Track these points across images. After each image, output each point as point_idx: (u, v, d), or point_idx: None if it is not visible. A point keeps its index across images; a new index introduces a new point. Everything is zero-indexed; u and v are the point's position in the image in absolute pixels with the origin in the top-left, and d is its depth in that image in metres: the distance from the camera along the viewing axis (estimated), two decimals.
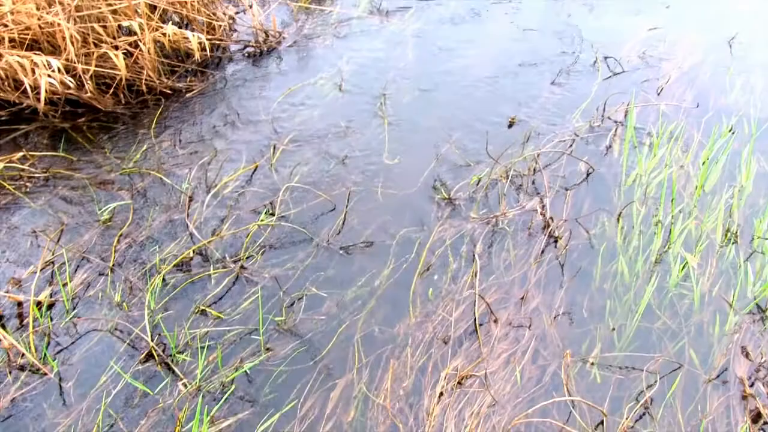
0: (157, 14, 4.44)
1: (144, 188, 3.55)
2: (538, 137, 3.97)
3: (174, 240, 3.26)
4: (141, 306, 2.92)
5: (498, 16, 5.16)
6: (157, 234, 3.29)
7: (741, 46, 4.80)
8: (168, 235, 3.29)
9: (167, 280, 3.04)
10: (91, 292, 2.98)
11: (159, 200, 3.48)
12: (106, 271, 3.08)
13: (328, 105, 4.22)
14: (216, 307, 2.93)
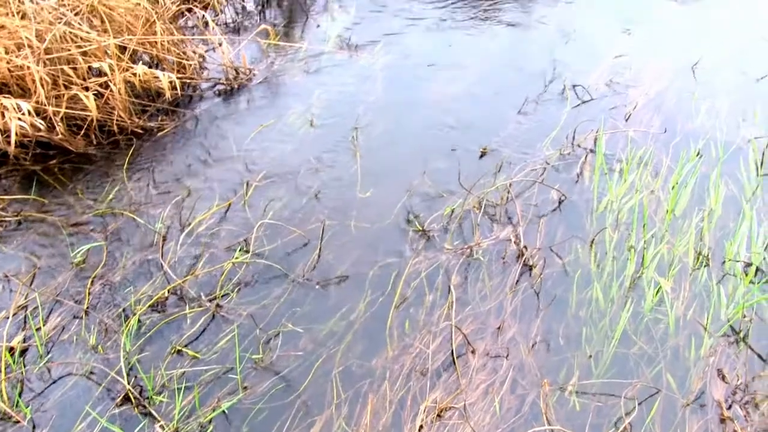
0: (128, 55, 4.45)
1: (117, 229, 3.53)
2: (510, 166, 4.00)
3: (149, 280, 3.24)
4: (116, 348, 2.89)
5: (467, 47, 5.22)
6: (131, 275, 3.26)
7: (704, 72, 4.89)
8: (142, 275, 3.27)
9: (142, 321, 3.01)
10: (66, 336, 2.95)
11: (133, 240, 3.46)
12: (80, 313, 3.05)
13: (300, 140, 4.23)
14: (192, 347, 2.91)
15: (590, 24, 5.55)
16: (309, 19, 5.60)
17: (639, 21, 5.56)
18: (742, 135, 4.27)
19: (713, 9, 5.75)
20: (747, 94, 4.65)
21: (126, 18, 4.59)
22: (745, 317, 3.06)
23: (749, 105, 4.53)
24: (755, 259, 3.32)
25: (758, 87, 4.71)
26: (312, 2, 5.89)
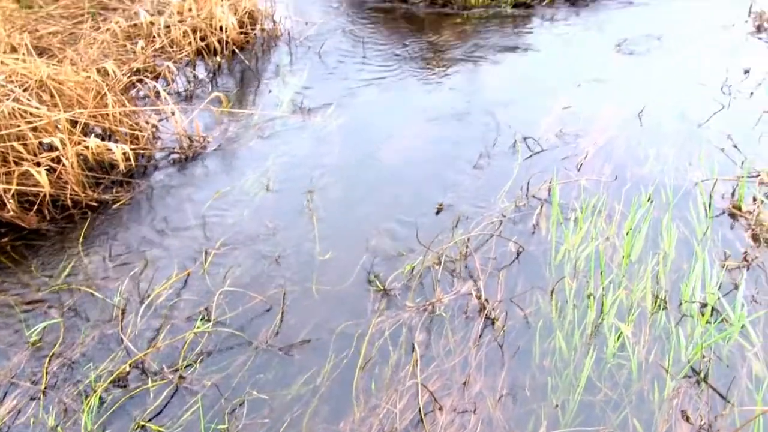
0: (79, 128, 4.44)
1: (74, 305, 3.48)
2: (467, 221, 4.04)
3: (109, 355, 3.18)
4: (77, 428, 2.82)
5: (419, 106, 5.31)
6: (90, 351, 3.21)
7: (650, 119, 5.02)
8: (102, 350, 3.21)
9: (104, 398, 2.95)
10: (22, 419, 2.88)
11: (91, 316, 3.41)
12: (37, 394, 2.98)
13: (257, 206, 4.24)
14: (156, 421, 2.85)
15: (538, 77, 5.69)
16: (261, 85, 5.66)
17: (585, 72, 5.72)
18: (689, 179, 4.37)
19: (655, 59, 5.93)
20: (691, 139, 4.79)
21: (76, 91, 4.59)
22: (704, 357, 3.10)
23: (694, 149, 4.65)
24: (710, 299, 3.37)
25: (701, 132, 4.85)
26: (263, 67, 5.96)
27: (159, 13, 6.26)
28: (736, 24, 6.37)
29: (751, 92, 5.30)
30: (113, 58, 5.52)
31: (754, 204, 4.10)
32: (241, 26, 6.28)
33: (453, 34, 6.50)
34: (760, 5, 6.54)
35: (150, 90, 5.24)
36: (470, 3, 7.04)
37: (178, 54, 5.86)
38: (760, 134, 4.78)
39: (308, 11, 6.95)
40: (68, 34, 6.02)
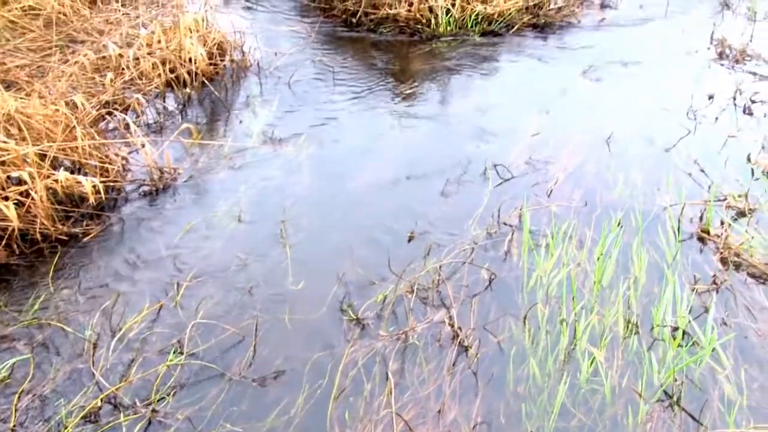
0: (48, 161, 4.40)
1: (45, 340, 3.43)
2: (439, 249, 4.05)
3: (80, 390, 3.14)
4: None
5: (390, 135, 5.33)
6: (61, 386, 3.16)
7: (618, 144, 5.09)
8: (73, 385, 3.17)
9: None
10: None
11: (62, 350, 3.36)
12: None
13: (228, 237, 4.22)
14: None
15: (507, 105, 5.74)
16: (231, 116, 5.65)
17: (554, 99, 5.79)
18: (658, 203, 4.43)
19: (622, 85, 6.03)
20: (659, 163, 4.85)
21: (45, 125, 4.56)
22: (677, 381, 3.12)
23: (662, 174, 4.72)
24: (681, 323, 3.41)
25: (668, 157, 4.92)
26: (233, 98, 5.96)
27: (128, 46, 6.24)
28: (699, 51, 6.50)
29: (715, 117, 5.39)
30: (82, 90, 5.49)
31: (722, 227, 4.16)
32: (210, 57, 6.28)
33: (422, 62, 6.55)
34: (721, 32, 6.67)
35: (120, 122, 5.21)
36: (439, 32, 7.10)
37: (148, 86, 5.85)
38: (726, 158, 4.86)
39: (277, 42, 6.97)
40: (36, 67, 5.99)
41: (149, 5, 7.57)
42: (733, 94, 5.68)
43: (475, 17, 7.13)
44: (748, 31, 6.75)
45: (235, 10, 7.81)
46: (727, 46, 6.39)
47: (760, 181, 4.58)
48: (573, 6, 7.50)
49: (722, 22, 7.00)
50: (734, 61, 6.23)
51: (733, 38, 6.56)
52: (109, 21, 7.06)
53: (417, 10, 7.18)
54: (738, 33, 6.69)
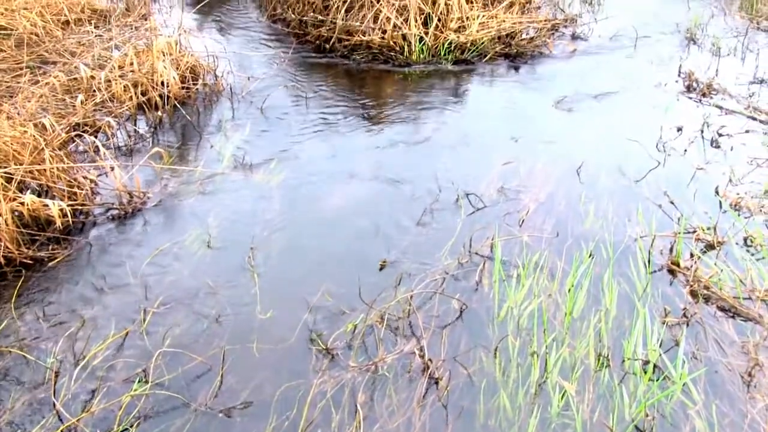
0: (14, 184, 4.32)
1: (4, 368, 3.35)
2: (410, 278, 4.03)
3: (40, 421, 3.07)
4: None
5: (361, 161, 5.32)
6: (19, 417, 3.08)
7: (589, 175, 5.12)
8: (33, 416, 3.10)
9: None
10: None
11: (22, 379, 3.28)
12: None
13: (197, 263, 4.17)
14: None
15: (479, 133, 5.76)
16: (202, 140, 5.61)
17: (525, 128, 5.82)
18: (628, 234, 4.45)
19: (592, 115, 6.08)
20: (629, 195, 4.89)
21: (12, 147, 4.49)
22: (648, 416, 3.11)
23: (632, 205, 4.74)
24: (652, 356, 3.41)
25: (638, 188, 4.96)
26: (205, 122, 5.92)
27: (100, 68, 6.19)
28: (668, 83, 6.59)
29: (684, 149, 5.45)
30: (52, 112, 5.43)
31: (692, 260, 4.18)
32: (183, 81, 6.25)
33: (395, 90, 6.57)
34: (688, 66, 6.77)
35: (89, 145, 5.15)
36: (412, 59, 7.14)
37: (119, 108, 5.79)
38: (695, 191, 4.90)
39: (251, 66, 6.96)
40: (5, 88, 5.91)
41: (123, 27, 7.53)
42: (700, 127, 5.76)
43: (448, 46, 7.18)
44: (714, 66, 6.86)
45: (210, 34, 7.80)
46: (694, 80, 6.49)
47: (728, 213, 4.62)
48: (545, 36, 7.58)
49: (689, 56, 7.11)
50: (701, 95, 6.32)
51: (700, 72, 6.67)
52: (81, 42, 7.02)
53: (390, 37, 7.21)
54: (704, 67, 6.80)
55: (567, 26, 7.93)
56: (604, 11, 8.32)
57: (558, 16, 8.10)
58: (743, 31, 7.52)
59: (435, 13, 7.35)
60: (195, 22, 8.17)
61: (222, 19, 8.27)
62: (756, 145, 5.50)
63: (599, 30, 7.78)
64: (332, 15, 7.51)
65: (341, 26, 7.37)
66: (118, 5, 8.27)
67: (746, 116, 5.93)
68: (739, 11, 8.07)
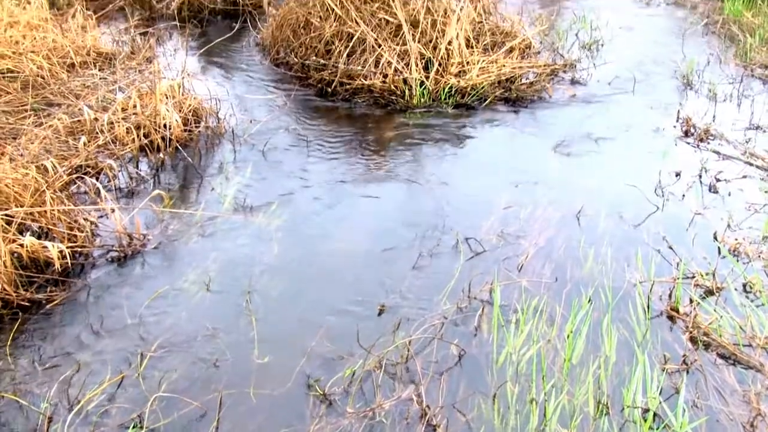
0: (14, 226, 4.34)
1: None
2: (409, 323, 4.02)
3: None
4: None
5: (362, 204, 5.34)
6: None
7: (588, 219, 5.13)
8: None
9: None
10: None
11: (14, 425, 3.27)
12: None
13: (196, 306, 4.16)
14: None
15: (479, 177, 5.79)
16: (204, 182, 5.64)
17: (525, 172, 5.84)
18: (627, 279, 4.45)
19: (592, 160, 6.11)
20: (628, 239, 4.89)
21: (14, 188, 4.52)
22: None
23: (631, 250, 4.75)
24: (652, 404, 3.39)
25: (637, 233, 4.96)
26: (206, 165, 5.96)
27: (104, 110, 6.26)
28: (666, 128, 6.63)
29: (682, 194, 5.47)
30: (55, 154, 5.47)
31: (691, 306, 4.18)
32: (185, 123, 6.30)
33: (396, 133, 6.62)
34: (685, 111, 6.83)
35: (90, 187, 5.18)
36: (413, 103, 7.20)
37: (122, 150, 5.83)
38: (693, 236, 4.91)
39: (253, 109, 7.02)
40: (9, 130, 5.96)
41: (127, 70, 7.62)
42: (698, 172, 5.78)
43: (448, 90, 7.24)
44: (711, 111, 6.91)
45: (213, 77, 7.88)
46: (691, 125, 6.53)
47: (727, 259, 4.62)
48: (544, 81, 7.65)
49: (686, 102, 7.17)
50: (699, 140, 6.36)
51: (697, 117, 6.71)
52: (86, 85, 7.10)
53: (391, 81, 7.28)
54: (701, 112, 6.85)
55: (566, 71, 8.00)
56: (603, 57, 8.41)
57: (557, 61, 8.18)
58: (738, 77, 7.59)
59: (436, 57, 7.44)
60: (199, 64, 8.26)
61: (226, 62, 8.36)
62: (753, 190, 5.52)
63: (598, 75, 7.85)
64: (334, 59, 7.60)
65: (343, 70, 7.44)
66: (123, 48, 8.37)
67: (743, 162, 5.96)
68: (734, 58, 8.15)
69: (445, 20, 7.62)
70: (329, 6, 7.74)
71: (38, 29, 7.83)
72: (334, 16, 7.74)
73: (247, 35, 9.16)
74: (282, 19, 8.48)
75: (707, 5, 9.98)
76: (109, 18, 9.56)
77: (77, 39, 7.99)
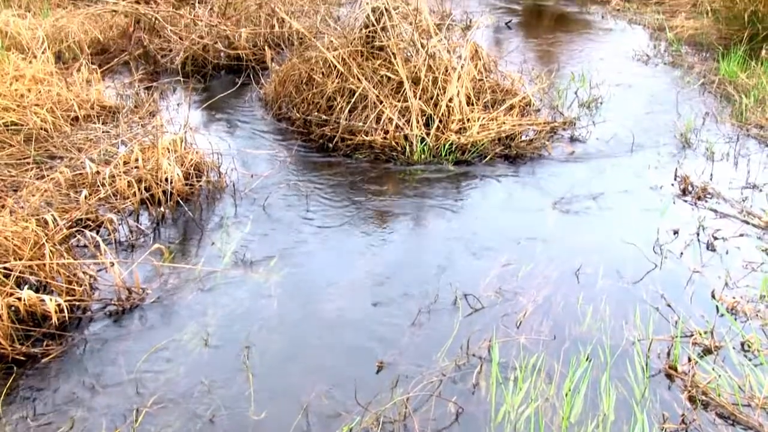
0: (12, 279, 4.35)
1: None
2: (407, 379, 4.01)
3: None
4: None
5: (361, 260, 5.36)
6: None
7: (586, 277, 5.14)
8: None
9: None
10: None
11: None
12: None
13: (193, 361, 4.15)
14: None
15: (478, 234, 5.81)
16: (204, 236, 5.66)
17: (524, 229, 5.87)
18: (626, 337, 4.44)
19: (590, 217, 6.14)
20: (626, 297, 4.90)
21: (13, 241, 4.54)
22: None
23: (630, 308, 4.75)
24: None
25: (635, 290, 4.97)
26: (207, 219, 5.99)
27: (106, 163, 6.31)
28: (664, 186, 6.67)
29: (680, 252, 5.48)
30: (55, 207, 5.51)
31: (689, 364, 4.16)
32: (186, 178, 6.34)
33: (396, 189, 6.66)
34: (683, 170, 6.88)
35: (90, 240, 5.20)
36: (413, 159, 7.26)
37: (122, 204, 5.87)
38: (691, 293, 4.92)
39: (254, 164, 7.08)
40: (11, 182, 6.01)
41: (130, 124, 7.71)
42: (696, 230, 5.81)
43: (449, 146, 7.31)
44: (708, 170, 6.96)
45: (215, 131, 7.96)
46: (689, 183, 6.58)
47: (725, 318, 4.62)
48: (543, 138, 7.72)
49: (684, 160, 7.23)
50: (696, 198, 6.40)
51: (695, 176, 6.76)
52: (89, 138, 7.17)
53: (392, 137, 7.36)
54: (699, 171, 6.90)
55: (565, 129, 8.08)
56: (602, 115, 8.50)
57: (557, 119, 8.27)
58: (735, 137, 7.67)
59: (436, 114, 7.53)
60: (202, 119, 8.36)
61: (228, 117, 8.46)
62: (750, 249, 5.54)
63: (597, 133, 7.93)
64: (336, 115, 7.69)
65: (344, 126, 7.53)
66: (127, 102, 8.48)
67: (740, 220, 5.99)
68: (730, 118, 8.25)
69: (446, 78, 7.74)
70: (332, 63, 7.86)
71: (43, 83, 7.94)
72: (337, 72, 7.86)
73: (250, 90, 9.28)
74: (285, 74, 8.61)
75: (703, 65, 10.12)
76: (114, 72, 9.69)
77: (81, 92, 8.09)
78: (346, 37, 8.14)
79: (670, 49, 11.01)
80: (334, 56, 7.85)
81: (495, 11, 13.26)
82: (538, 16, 13.57)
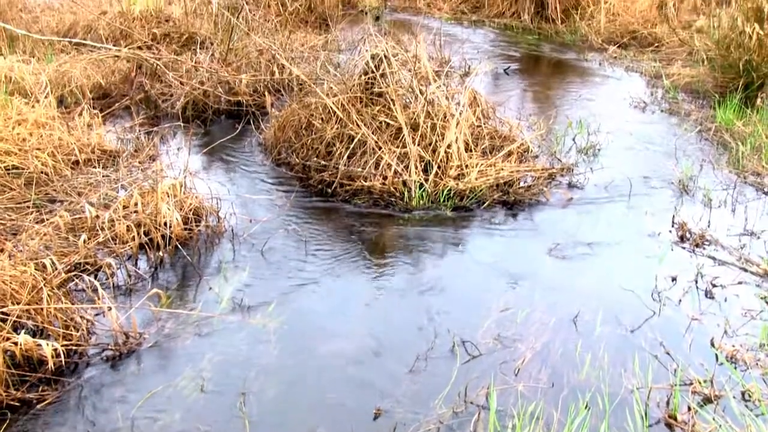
0: (9, 323, 4.34)
1: None
2: (404, 427, 3.99)
3: None
4: None
5: (359, 307, 5.35)
6: None
7: (584, 324, 5.13)
8: None
9: None
10: None
11: None
12: None
13: (189, 407, 4.13)
14: None
15: (476, 280, 5.82)
16: (202, 281, 5.66)
17: (521, 276, 5.87)
18: (625, 385, 4.43)
19: (588, 264, 6.15)
20: (625, 345, 4.89)
21: (11, 286, 4.54)
22: None
23: (628, 355, 4.74)
24: None
25: (634, 338, 4.96)
26: (205, 264, 5.99)
27: (105, 207, 6.33)
28: (661, 233, 6.69)
29: (679, 299, 5.48)
30: (54, 251, 5.51)
31: (689, 413, 4.14)
32: (185, 222, 6.36)
33: (394, 234, 6.68)
34: (681, 217, 6.91)
35: (88, 285, 5.20)
36: (412, 205, 7.28)
37: (121, 248, 5.88)
38: (690, 341, 4.91)
39: (253, 209, 7.10)
40: (10, 226, 6.03)
41: (130, 168, 7.75)
42: (694, 277, 5.81)
43: (447, 192, 7.35)
44: (706, 217, 6.99)
45: (215, 176, 8.00)
46: (687, 230, 6.60)
47: (725, 366, 4.60)
48: (541, 185, 7.76)
49: (682, 207, 7.25)
50: (694, 245, 6.41)
51: (693, 223, 6.79)
52: (89, 182, 7.21)
53: (391, 183, 7.40)
54: (697, 218, 6.92)
55: (563, 175, 8.12)
56: (599, 161, 8.55)
57: (555, 165, 8.31)
58: (732, 184, 7.71)
59: (435, 160, 7.58)
60: (201, 163, 8.40)
61: (228, 162, 8.51)
62: (749, 296, 5.54)
63: (595, 179, 7.97)
64: (335, 160, 7.73)
65: (343, 171, 7.57)
66: (128, 146, 8.53)
67: (739, 267, 6.00)
68: (727, 165, 8.30)
69: (445, 124, 7.80)
70: (331, 109, 7.93)
71: (45, 127, 8.00)
72: (336, 118, 7.93)
73: (250, 135, 9.34)
74: (284, 120, 8.68)
75: (700, 113, 10.21)
76: (115, 116, 9.76)
77: (82, 137, 8.15)
78: (346, 83, 8.22)
79: (666, 97, 11.12)
80: (334, 102, 7.92)
81: (493, 58, 13.41)
82: (537, 62, 13.73)
